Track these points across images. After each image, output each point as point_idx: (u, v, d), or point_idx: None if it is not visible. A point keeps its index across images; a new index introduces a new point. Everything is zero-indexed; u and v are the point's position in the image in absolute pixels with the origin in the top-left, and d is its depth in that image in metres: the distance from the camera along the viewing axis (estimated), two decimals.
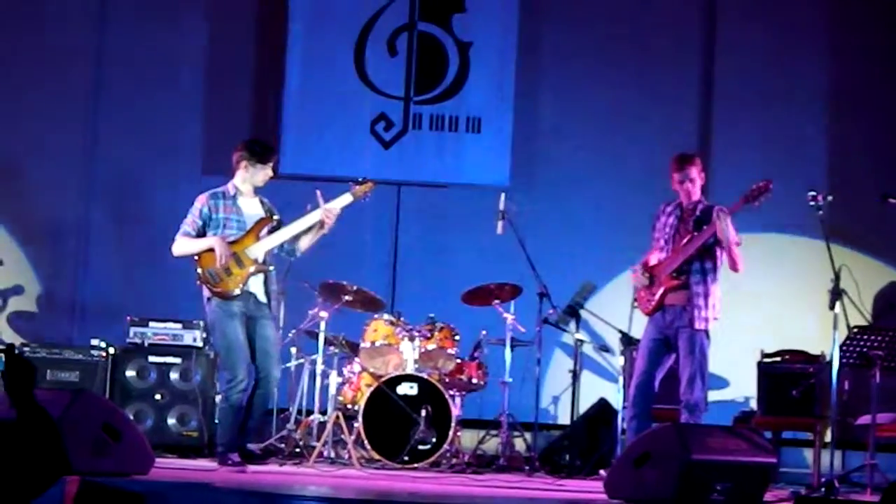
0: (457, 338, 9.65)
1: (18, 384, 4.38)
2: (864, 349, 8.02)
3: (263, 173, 8.42)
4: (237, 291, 8.20)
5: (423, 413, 9.14)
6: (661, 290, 8.17)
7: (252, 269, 8.23)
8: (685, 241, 8.12)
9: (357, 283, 9.65)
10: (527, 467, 9.27)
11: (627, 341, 9.29)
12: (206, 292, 8.28)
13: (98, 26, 11.36)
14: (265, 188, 8.53)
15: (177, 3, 11.44)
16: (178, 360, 9.84)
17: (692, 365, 8.04)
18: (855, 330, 8.00)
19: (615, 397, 9.47)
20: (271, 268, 8.38)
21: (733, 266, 8.11)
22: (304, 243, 8.55)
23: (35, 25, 11.23)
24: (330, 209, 8.41)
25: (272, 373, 8.30)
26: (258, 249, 8.30)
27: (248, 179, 8.42)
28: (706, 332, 8.10)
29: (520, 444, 9.96)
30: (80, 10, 11.36)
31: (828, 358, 8.56)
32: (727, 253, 8.06)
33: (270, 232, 8.39)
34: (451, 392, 9.44)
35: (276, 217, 8.46)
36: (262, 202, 8.49)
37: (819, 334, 8.73)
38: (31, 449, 4.36)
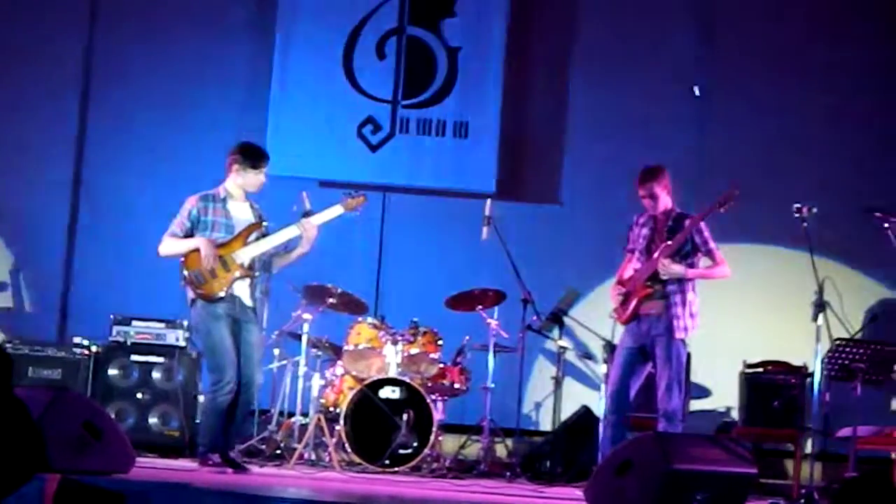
0: (440, 342, 9.66)
1: None
2: (847, 362, 8.05)
3: (255, 177, 8.38)
4: (221, 294, 8.16)
5: (405, 417, 9.15)
6: (635, 299, 8.19)
7: (237, 273, 8.20)
8: (659, 250, 8.13)
9: (341, 285, 9.66)
10: (507, 473, 9.28)
11: (611, 349, 9.30)
12: (189, 294, 8.24)
13: (87, 26, 11.37)
14: (255, 191, 8.49)
15: (166, 5, 11.42)
16: (160, 360, 9.85)
17: (669, 373, 8.04)
18: (837, 342, 8.03)
19: (597, 405, 9.49)
20: (257, 273, 8.34)
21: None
22: (280, 261, 8.50)
23: (24, 24, 11.22)
24: (309, 222, 8.36)
25: (254, 378, 8.25)
26: (245, 254, 8.25)
27: (238, 183, 8.37)
28: (683, 340, 8.10)
29: (501, 450, 9.97)
30: (70, 9, 11.36)
31: (810, 370, 8.57)
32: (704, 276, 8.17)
33: (259, 238, 8.35)
34: (434, 397, 9.45)
35: (265, 223, 8.41)
36: (252, 207, 8.45)
37: (802, 346, 8.74)
38: (6, 443, 4.32)
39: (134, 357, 9.86)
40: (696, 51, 11.31)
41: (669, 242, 8.10)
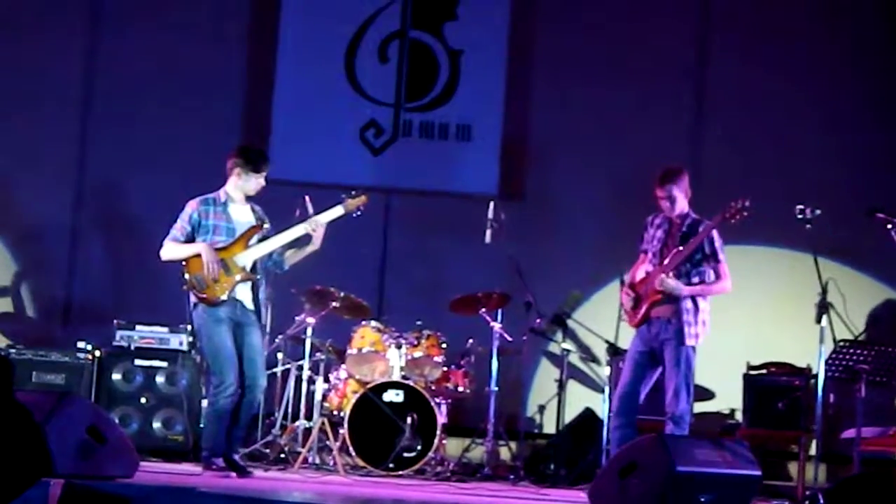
0: (444, 346, 9.66)
1: None
2: (850, 363, 8.03)
3: (256, 181, 8.38)
4: (223, 298, 8.16)
5: (409, 420, 9.14)
6: (646, 303, 8.18)
7: (239, 276, 8.20)
8: (671, 255, 8.12)
9: (345, 289, 9.65)
10: (511, 476, 9.28)
11: (614, 351, 9.30)
12: (192, 298, 8.24)
13: (89, 31, 11.37)
14: (255, 194, 8.50)
15: (168, 9, 11.41)
16: (164, 364, 9.86)
17: (678, 377, 8.03)
18: (841, 344, 8.01)
19: (601, 407, 9.49)
20: (259, 276, 8.34)
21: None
22: (292, 258, 8.51)
23: (26, 28, 11.22)
24: (316, 221, 8.37)
25: (258, 381, 8.26)
26: (247, 257, 8.26)
27: (240, 186, 8.38)
28: (693, 346, 8.10)
29: (505, 453, 9.97)
30: (72, 14, 11.36)
31: (814, 371, 8.57)
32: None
33: (260, 240, 8.35)
34: (437, 400, 9.44)
35: (266, 225, 8.42)
36: (253, 210, 8.46)
37: (805, 347, 8.74)
38: (8, 448, 4.32)
39: (137, 362, 9.87)
40: (695, 52, 11.31)
41: (682, 248, 8.09)
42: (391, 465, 9.07)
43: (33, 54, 11.20)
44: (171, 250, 8.30)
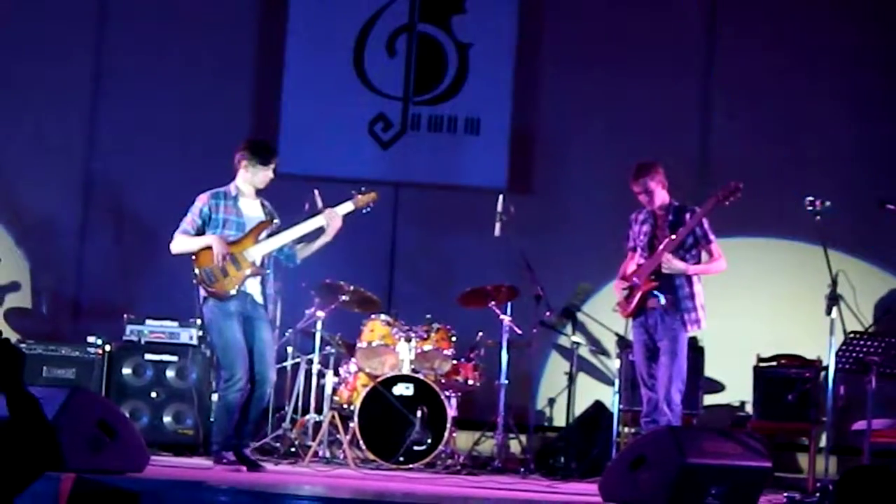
0: (453, 339, 9.65)
1: (5, 370, 4.31)
2: (861, 355, 8.01)
3: (264, 174, 8.37)
4: (233, 292, 8.16)
5: (419, 414, 9.15)
6: (639, 293, 8.23)
7: (248, 271, 8.20)
8: (663, 244, 8.17)
9: (354, 283, 9.65)
10: (522, 469, 9.27)
11: (623, 344, 9.30)
12: (202, 292, 8.24)
13: (97, 23, 11.37)
14: (264, 187, 8.51)
15: (176, 3, 11.42)
16: (174, 359, 9.86)
17: (670, 367, 8.10)
18: (851, 335, 8.00)
19: (610, 400, 9.49)
20: (268, 271, 8.34)
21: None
22: (304, 251, 8.51)
23: (34, 21, 11.22)
24: (333, 213, 8.38)
25: (268, 375, 8.26)
26: (256, 252, 8.25)
27: (248, 180, 8.37)
28: (686, 333, 8.16)
29: (515, 446, 9.97)
30: (80, 6, 11.36)
31: (824, 363, 8.56)
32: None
33: (270, 235, 8.35)
34: (447, 393, 9.44)
35: (276, 221, 8.41)
36: (262, 205, 8.45)
37: (815, 339, 8.73)
38: (19, 438, 4.31)
39: (147, 356, 9.88)
40: (704, 43, 11.29)
41: (673, 237, 8.13)
42: (401, 459, 9.07)
43: (41, 50, 11.19)
44: (182, 243, 8.30)
